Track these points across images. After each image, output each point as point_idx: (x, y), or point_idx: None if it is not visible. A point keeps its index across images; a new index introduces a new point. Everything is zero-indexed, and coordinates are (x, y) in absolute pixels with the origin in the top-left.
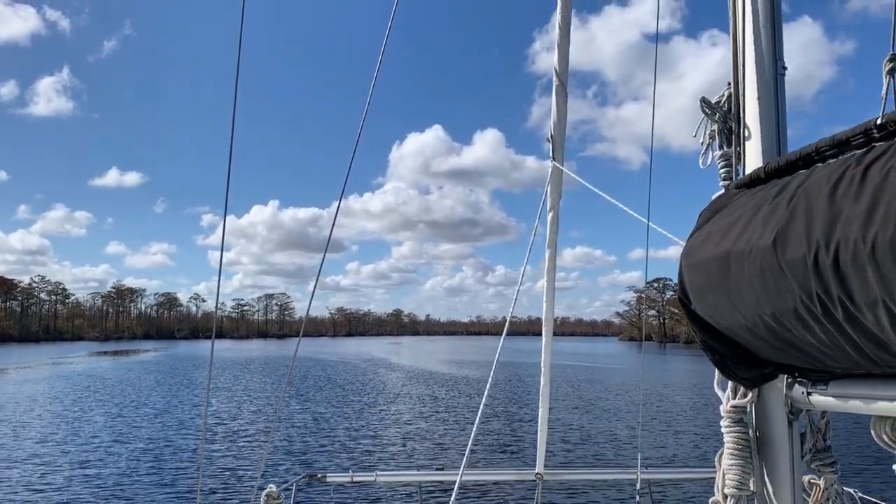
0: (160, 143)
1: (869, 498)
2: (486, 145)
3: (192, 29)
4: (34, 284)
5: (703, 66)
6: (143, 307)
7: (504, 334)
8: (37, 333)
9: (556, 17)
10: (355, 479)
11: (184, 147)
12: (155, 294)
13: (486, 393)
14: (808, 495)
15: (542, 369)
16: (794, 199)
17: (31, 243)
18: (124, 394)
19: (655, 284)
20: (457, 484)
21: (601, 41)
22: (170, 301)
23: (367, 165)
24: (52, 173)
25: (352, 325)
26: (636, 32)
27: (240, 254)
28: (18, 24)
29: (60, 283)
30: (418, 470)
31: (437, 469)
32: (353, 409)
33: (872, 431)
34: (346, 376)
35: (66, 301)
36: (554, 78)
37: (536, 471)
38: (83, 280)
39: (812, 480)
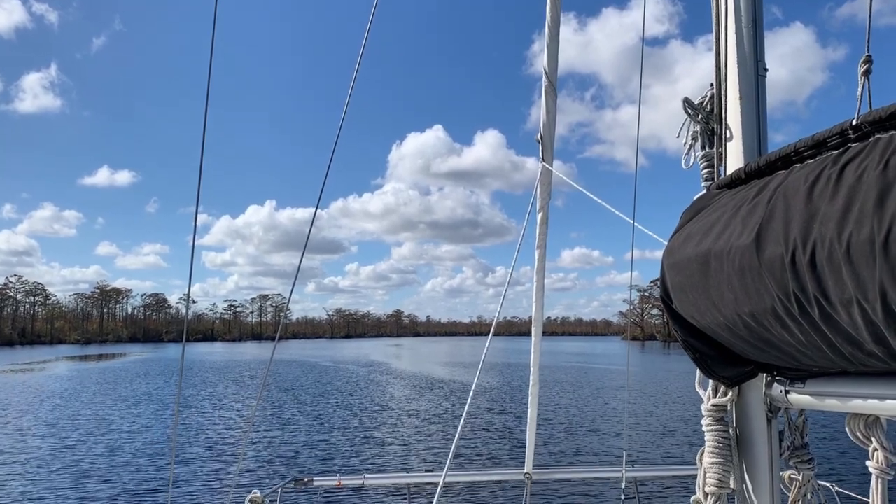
0: (152, 141)
1: (846, 492)
2: (486, 146)
3: (183, 25)
4: (9, 284)
5: (699, 69)
6: (129, 309)
7: (491, 335)
8: (10, 337)
9: (546, 19)
10: (343, 482)
11: (177, 145)
12: (142, 295)
13: (471, 394)
14: (786, 491)
15: (532, 369)
16: (773, 198)
17: (17, 244)
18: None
19: (659, 283)
20: (440, 486)
21: (599, 44)
22: (158, 302)
23: (367, 165)
24: (40, 171)
25: (350, 326)
26: (633, 36)
27: (235, 255)
28: (2, 17)
29: (39, 284)
30: (407, 472)
31: (426, 471)
32: (344, 412)
33: (847, 428)
34: (340, 379)
35: (47, 302)
36: (543, 79)
37: (525, 471)
38: (73, 282)
39: (791, 476)
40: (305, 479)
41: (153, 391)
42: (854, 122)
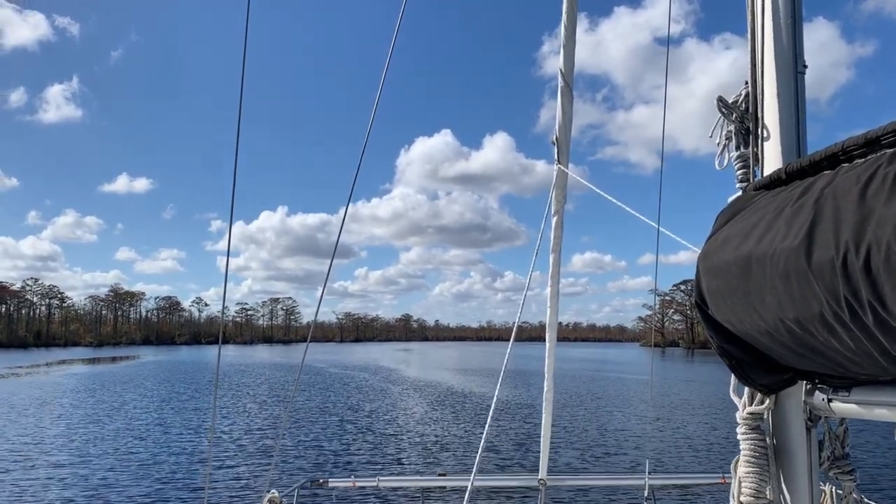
0: (169, 149)
1: None
2: (495, 149)
3: (197, 34)
4: (27, 287)
5: (715, 68)
6: (143, 312)
7: (512, 340)
8: (25, 339)
9: (562, 18)
10: (357, 483)
11: (192, 153)
12: (156, 298)
13: (494, 400)
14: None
15: (546, 375)
16: (820, 199)
17: (42, 249)
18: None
19: (683, 287)
20: (468, 491)
21: (610, 44)
22: (171, 305)
23: (375, 171)
24: (62, 179)
25: (360, 330)
26: (646, 35)
27: (248, 259)
28: (27, 31)
29: (55, 287)
30: (420, 475)
31: (439, 475)
32: (359, 416)
33: None
34: (352, 384)
35: (63, 305)
36: (559, 79)
37: (539, 477)
38: (94, 286)
39: (829, 488)
40: (321, 480)
41: (163, 392)
42: None
